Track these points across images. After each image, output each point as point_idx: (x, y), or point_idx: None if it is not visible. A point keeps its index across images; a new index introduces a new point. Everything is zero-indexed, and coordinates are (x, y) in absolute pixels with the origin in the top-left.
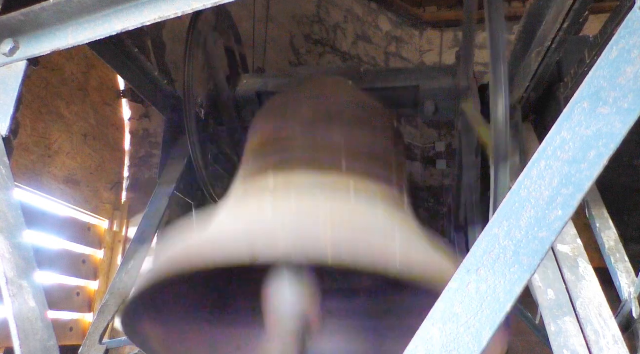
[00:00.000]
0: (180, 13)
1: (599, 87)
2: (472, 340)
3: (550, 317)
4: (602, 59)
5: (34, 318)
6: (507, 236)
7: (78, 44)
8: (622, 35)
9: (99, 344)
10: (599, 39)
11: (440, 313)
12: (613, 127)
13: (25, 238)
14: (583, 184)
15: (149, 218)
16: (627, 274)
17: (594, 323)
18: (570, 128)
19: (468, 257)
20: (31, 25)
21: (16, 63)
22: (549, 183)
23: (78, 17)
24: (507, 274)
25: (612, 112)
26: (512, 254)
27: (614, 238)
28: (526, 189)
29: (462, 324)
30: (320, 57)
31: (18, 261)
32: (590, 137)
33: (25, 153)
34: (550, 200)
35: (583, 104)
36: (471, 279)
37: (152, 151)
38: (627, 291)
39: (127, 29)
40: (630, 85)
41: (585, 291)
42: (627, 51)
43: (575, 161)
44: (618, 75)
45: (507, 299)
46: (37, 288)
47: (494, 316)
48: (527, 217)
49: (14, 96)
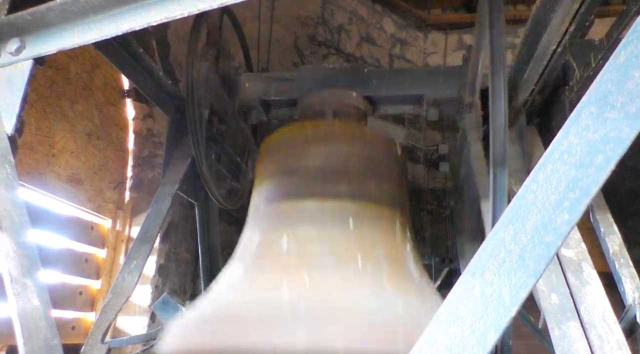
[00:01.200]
0: (187, 13)
1: (606, 91)
2: (477, 344)
3: (553, 321)
4: (610, 63)
5: (37, 317)
6: (513, 239)
7: (84, 43)
8: (630, 40)
9: (101, 343)
10: (604, 43)
11: (445, 316)
12: (620, 131)
13: (29, 237)
14: (590, 189)
15: (152, 218)
16: (632, 279)
17: (597, 328)
18: (577, 132)
19: (473, 261)
20: (37, 24)
21: (22, 62)
22: (556, 187)
23: (84, 16)
24: (513, 278)
25: (620, 116)
26: (518, 258)
27: (618, 243)
28: (532, 192)
29: (467, 327)
30: (324, 59)
31: (22, 259)
32: (598, 142)
33: (29, 152)
34: (556, 204)
35: (590, 108)
36: (476, 283)
37: (156, 151)
38: (631, 296)
39: (133, 29)
40: (638, 90)
41: (589, 295)
42: (635, 55)
43: (582, 165)
44: (626, 79)
45: (512, 303)
46: (41, 287)
47: (499, 319)
48: (533, 221)
49: (20, 94)
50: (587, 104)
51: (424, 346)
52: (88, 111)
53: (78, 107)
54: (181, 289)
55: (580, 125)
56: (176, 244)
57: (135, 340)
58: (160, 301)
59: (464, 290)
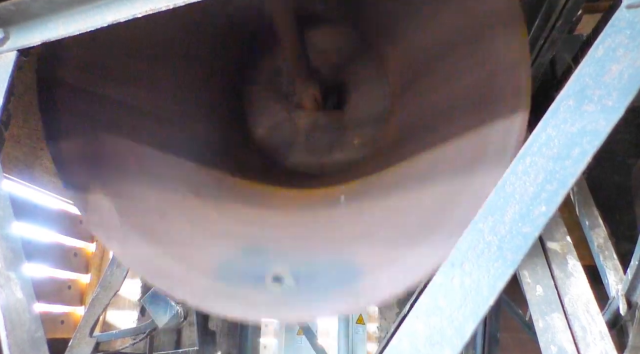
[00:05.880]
0: (172, 5)
1: (584, 84)
2: (455, 333)
3: (538, 313)
4: (588, 57)
5: (21, 310)
6: (492, 231)
7: (69, 34)
8: (608, 34)
9: (90, 337)
10: (591, 38)
11: (424, 306)
12: (597, 124)
13: (13, 230)
14: (567, 181)
15: None
16: (616, 272)
17: (581, 319)
18: (555, 125)
19: (453, 252)
20: (22, 15)
21: (6, 53)
22: (534, 179)
23: (69, 7)
24: (491, 269)
25: (597, 109)
26: (496, 249)
27: (603, 236)
28: (511, 184)
29: (446, 317)
30: None
31: (6, 252)
32: (575, 134)
33: (16, 145)
34: (534, 196)
35: (569, 101)
36: (455, 273)
37: None
38: (614, 288)
39: (118, 21)
40: (615, 84)
41: (574, 287)
42: (612, 49)
43: (559, 158)
44: (603, 73)
45: (491, 293)
46: (25, 280)
47: (477, 309)
48: (512, 213)
49: (4, 86)
50: (566, 97)
51: (403, 335)
52: None
53: None
54: None
55: (559, 118)
56: None
57: (125, 334)
58: (150, 294)
59: (444, 280)
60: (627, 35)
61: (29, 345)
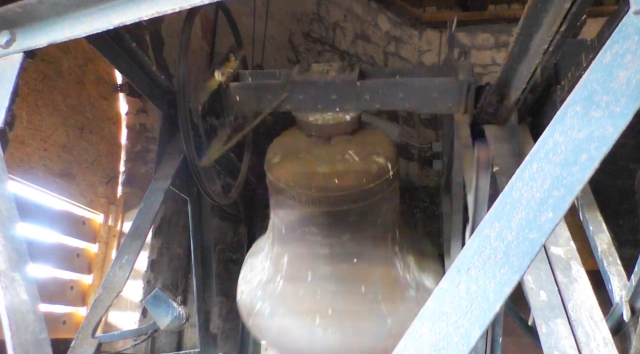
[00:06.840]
0: (178, 8)
1: (591, 90)
2: (461, 339)
3: (541, 318)
4: (596, 63)
5: (25, 310)
6: (498, 237)
7: (75, 37)
8: (615, 40)
9: (92, 338)
10: (595, 43)
11: (430, 312)
12: (605, 130)
13: (18, 231)
14: (574, 187)
15: (143, 213)
16: (619, 277)
17: (584, 325)
18: (562, 131)
19: (459, 258)
20: (28, 17)
21: (12, 55)
22: (541, 185)
23: (75, 10)
24: (497, 275)
25: (605, 115)
26: (503, 255)
27: (606, 241)
28: (518, 190)
29: (452, 323)
30: (318, 55)
31: (11, 253)
32: (582, 141)
33: (20, 146)
34: (541, 202)
35: (576, 107)
36: (461, 279)
37: (149, 146)
38: (618, 294)
39: (124, 24)
40: (623, 90)
41: (577, 293)
42: (620, 55)
43: (566, 164)
44: (611, 79)
45: (497, 299)
46: (29, 281)
47: (483, 315)
48: (518, 219)
49: (10, 88)
50: (573, 103)
51: (409, 341)
52: (80, 105)
53: (70, 101)
54: (173, 285)
55: (566, 124)
56: (169, 239)
57: (126, 335)
58: (152, 296)
59: (450, 286)
60: (635, 41)
61: (33, 346)
